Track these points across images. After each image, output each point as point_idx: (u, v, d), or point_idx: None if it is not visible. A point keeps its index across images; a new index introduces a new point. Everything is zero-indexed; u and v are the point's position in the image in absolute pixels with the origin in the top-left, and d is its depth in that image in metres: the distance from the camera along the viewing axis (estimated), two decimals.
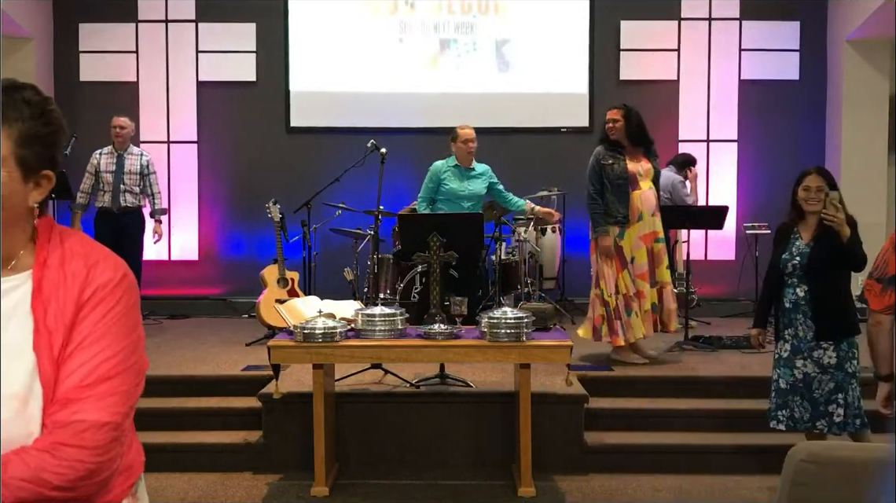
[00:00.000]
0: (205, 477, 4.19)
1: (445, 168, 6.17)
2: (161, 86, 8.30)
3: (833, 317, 3.94)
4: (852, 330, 3.95)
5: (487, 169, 6.29)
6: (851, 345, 3.93)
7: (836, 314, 3.94)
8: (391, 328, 4.13)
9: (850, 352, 3.92)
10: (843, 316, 3.94)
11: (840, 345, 3.92)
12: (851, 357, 3.92)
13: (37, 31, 8.04)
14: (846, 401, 3.89)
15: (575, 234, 8.05)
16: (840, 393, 3.89)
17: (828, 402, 3.90)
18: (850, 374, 3.90)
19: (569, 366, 4.07)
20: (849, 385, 3.89)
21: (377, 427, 4.56)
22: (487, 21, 8.33)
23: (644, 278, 5.34)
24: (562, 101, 8.38)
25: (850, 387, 3.90)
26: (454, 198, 6.10)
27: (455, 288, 5.21)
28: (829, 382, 3.90)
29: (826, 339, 3.91)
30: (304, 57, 8.34)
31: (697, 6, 8.37)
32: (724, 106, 8.37)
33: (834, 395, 3.89)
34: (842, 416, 3.88)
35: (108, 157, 6.80)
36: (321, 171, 7.22)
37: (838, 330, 3.92)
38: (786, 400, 3.99)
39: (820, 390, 3.92)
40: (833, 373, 3.90)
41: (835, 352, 3.92)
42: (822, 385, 3.91)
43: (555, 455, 4.47)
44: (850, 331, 3.94)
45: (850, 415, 3.90)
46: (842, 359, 3.91)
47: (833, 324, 3.94)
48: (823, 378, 3.91)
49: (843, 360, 3.91)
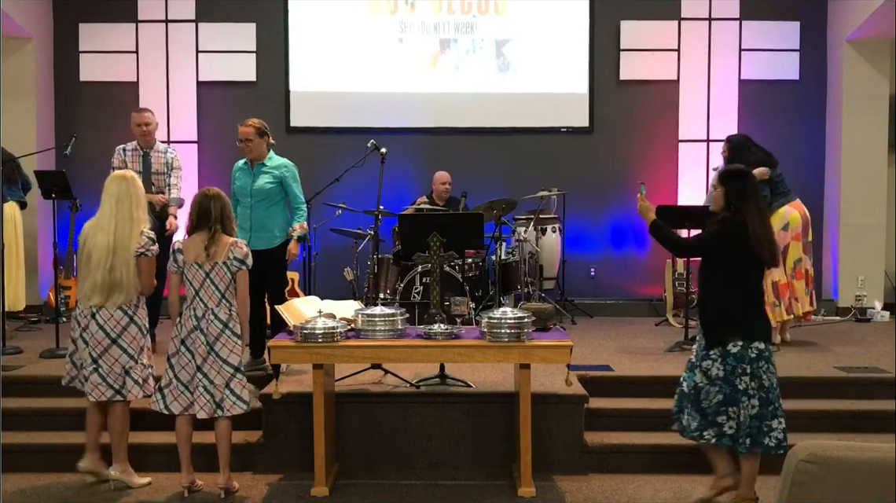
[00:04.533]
0: (205, 477, 4.19)
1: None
2: (161, 86, 8.30)
3: (716, 323, 3.71)
4: (749, 336, 3.65)
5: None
6: (741, 359, 3.63)
7: (720, 320, 3.69)
8: (391, 328, 4.13)
9: (741, 367, 3.62)
10: (728, 323, 3.67)
11: (727, 358, 3.65)
12: (742, 373, 3.62)
13: (37, 31, 8.04)
14: (739, 416, 3.64)
15: (575, 234, 8.06)
16: (732, 406, 3.64)
17: (716, 414, 3.67)
18: (742, 391, 3.62)
19: (569, 366, 4.07)
20: (739, 402, 3.62)
21: (377, 427, 4.56)
22: (487, 21, 8.33)
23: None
24: (562, 101, 8.38)
25: (742, 404, 3.62)
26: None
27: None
28: (718, 394, 3.66)
29: (711, 348, 3.69)
30: (304, 57, 8.34)
31: (697, 6, 8.37)
32: (724, 106, 8.37)
33: (723, 408, 3.66)
34: (734, 429, 3.65)
35: (132, 154, 6.01)
36: (321, 171, 7.22)
37: (720, 338, 3.67)
38: (682, 405, 3.81)
39: (707, 401, 3.69)
40: (720, 386, 3.66)
41: (721, 364, 3.66)
42: (710, 397, 3.68)
43: (555, 455, 4.47)
44: (744, 337, 3.64)
45: (743, 433, 3.63)
46: (729, 373, 3.64)
47: (714, 331, 3.70)
48: (711, 390, 3.68)
49: (731, 375, 3.64)
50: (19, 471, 4.36)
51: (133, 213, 4.13)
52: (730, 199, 3.74)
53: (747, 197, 3.73)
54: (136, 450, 4.38)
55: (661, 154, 8.37)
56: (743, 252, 3.68)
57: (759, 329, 3.70)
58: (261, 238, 5.12)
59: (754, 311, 3.73)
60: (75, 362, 4.21)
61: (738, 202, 3.72)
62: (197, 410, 4.02)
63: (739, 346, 3.65)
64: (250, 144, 5.17)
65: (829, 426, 4.65)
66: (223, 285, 4.04)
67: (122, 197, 4.13)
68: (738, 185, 3.76)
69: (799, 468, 2.07)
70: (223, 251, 4.04)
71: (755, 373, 3.64)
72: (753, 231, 3.66)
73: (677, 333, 6.44)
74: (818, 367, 5.35)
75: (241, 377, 4.06)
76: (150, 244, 4.16)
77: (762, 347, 3.67)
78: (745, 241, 3.66)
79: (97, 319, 4.09)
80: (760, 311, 3.76)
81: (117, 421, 4.16)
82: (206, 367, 4.00)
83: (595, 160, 8.34)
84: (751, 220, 3.68)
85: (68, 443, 4.36)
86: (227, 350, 4.01)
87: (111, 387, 4.10)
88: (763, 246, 3.67)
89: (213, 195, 4.11)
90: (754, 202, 3.73)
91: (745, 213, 3.69)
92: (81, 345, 4.14)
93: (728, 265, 3.72)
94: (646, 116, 8.41)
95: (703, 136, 8.39)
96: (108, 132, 8.26)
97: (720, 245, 3.76)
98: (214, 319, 4.01)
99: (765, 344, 3.69)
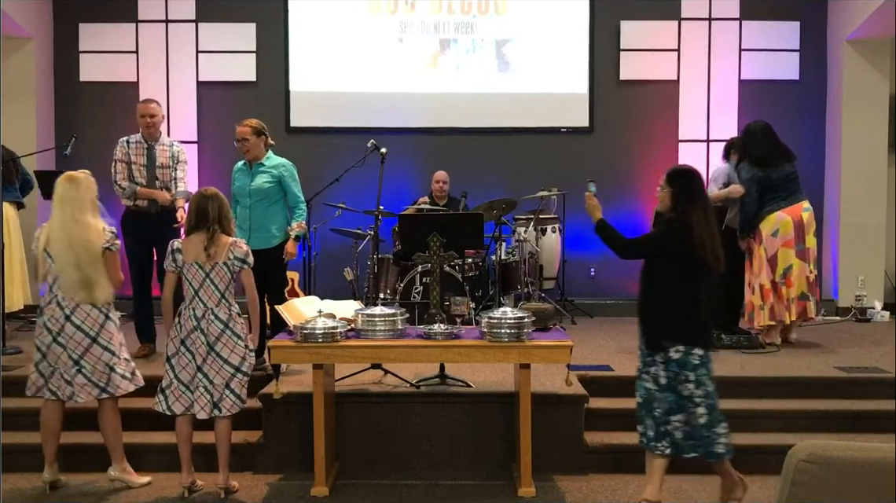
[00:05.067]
0: (205, 477, 4.19)
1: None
2: (161, 86, 8.30)
3: (657, 327, 3.64)
4: (691, 342, 3.55)
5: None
6: (684, 366, 3.55)
7: (662, 324, 3.62)
8: (391, 328, 4.13)
9: (683, 373, 3.55)
10: (669, 328, 3.59)
11: (669, 364, 3.57)
12: (686, 380, 3.55)
13: (37, 31, 8.04)
14: (689, 422, 3.56)
15: (575, 234, 8.05)
16: (679, 414, 3.58)
17: (666, 423, 3.60)
18: (687, 398, 3.55)
19: (569, 366, 4.07)
20: (687, 409, 3.56)
21: (377, 427, 4.56)
22: (487, 21, 8.33)
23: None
24: (562, 101, 8.38)
25: (689, 412, 3.56)
26: None
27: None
28: (664, 402, 3.60)
29: (654, 353, 3.61)
30: (304, 57, 8.34)
31: (697, 6, 8.37)
32: (724, 106, 8.38)
33: (671, 416, 3.59)
34: (682, 437, 3.58)
35: (136, 147, 5.74)
36: (321, 171, 7.22)
37: (659, 343, 3.59)
38: (640, 415, 3.72)
39: (660, 409, 3.61)
40: (667, 394, 3.60)
41: (665, 371, 3.59)
42: (661, 405, 3.61)
43: (555, 455, 4.47)
44: (686, 342, 3.55)
45: (694, 442, 3.57)
46: (671, 380, 3.57)
47: (655, 336, 3.63)
48: (660, 396, 3.61)
49: (675, 382, 3.57)
50: (19, 471, 4.36)
51: (76, 217, 4.06)
52: (676, 200, 3.63)
53: (694, 198, 3.61)
54: (136, 450, 4.38)
55: (661, 154, 8.37)
56: (688, 255, 3.57)
57: (701, 335, 3.60)
58: (259, 238, 5.11)
59: (697, 316, 3.60)
60: (42, 371, 4.15)
61: (684, 203, 3.61)
62: (197, 411, 4.02)
63: (681, 352, 3.56)
64: (247, 144, 5.16)
65: (829, 426, 4.65)
66: (223, 285, 4.04)
67: (65, 199, 4.09)
68: (685, 185, 3.65)
69: (799, 468, 2.07)
70: (223, 251, 4.04)
71: (699, 381, 3.56)
72: (698, 234, 3.55)
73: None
74: (818, 367, 5.35)
75: (241, 377, 4.06)
76: (114, 238, 4.15)
77: (702, 353, 3.58)
78: (690, 243, 3.55)
79: (73, 320, 4.07)
80: (704, 317, 3.63)
81: (109, 420, 4.17)
82: (206, 368, 4.00)
83: (595, 160, 8.33)
84: (696, 221, 3.56)
85: (68, 443, 4.36)
86: (227, 350, 4.01)
87: (97, 386, 4.10)
88: (707, 249, 3.55)
89: (210, 195, 4.11)
90: (700, 204, 3.61)
91: (691, 215, 3.58)
92: (57, 349, 4.09)
93: (673, 267, 3.62)
94: (646, 116, 8.41)
95: (703, 136, 8.39)
96: (108, 132, 8.24)
97: (665, 247, 3.66)
98: (215, 319, 4.01)
99: (704, 350, 3.59)
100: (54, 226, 4.09)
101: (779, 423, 4.71)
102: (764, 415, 4.77)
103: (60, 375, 4.11)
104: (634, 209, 8.34)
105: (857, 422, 4.68)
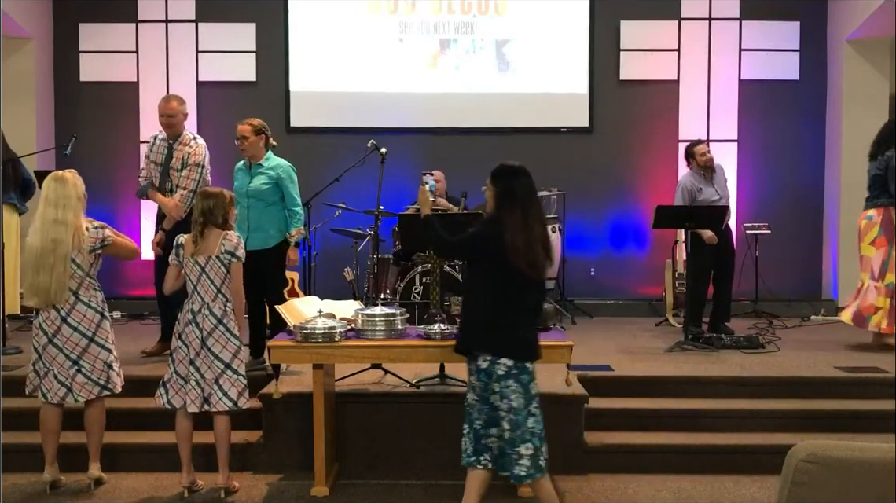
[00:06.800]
0: (205, 477, 4.19)
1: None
2: (161, 86, 8.30)
3: (465, 332, 3.48)
4: (497, 351, 3.33)
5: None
6: (490, 376, 3.34)
7: (470, 330, 3.45)
8: (391, 328, 4.13)
9: (491, 384, 3.34)
10: (477, 334, 3.41)
11: (479, 374, 3.38)
12: (493, 392, 3.34)
13: (37, 31, 8.04)
14: (501, 437, 3.37)
15: (575, 234, 8.06)
16: (494, 427, 3.38)
17: (486, 436, 3.43)
18: (497, 409, 3.35)
19: (569, 366, 4.06)
20: (500, 422, 3.35)
21: (377, 427, 4.56)
22: (487, 21, 8.33)
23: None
24: (562, 101, 8.38)
25: (501, 425, 3.35)
26: None
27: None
28: (482, 413, 3.43)
29: (462, 356, 3.48)
30: (304, 57, 8.34)
31: (697, 6, 8.37)
32: (724, 106, 8.37)
33: (487, 429, 3.42)
34: (497, 453, 3.41)
35: (160, 144, 5.57)
36: (321, 171, 7.22)
37: (467, 349, 3.43)
38: (464, 428, 3.52)
39: (479, 420, 3.44)
40: (482, 405, 3.41)
41: (477, 380, 3.41)
42: (479, 415, 3.44)
43: (555, 455, 4.45)
44: (492, 351, 3.33)
45: (502, 456, 3.38)
46: (482, 390, 3.39)
47: (463, 341, 3.48)
48: (478, 407, 3.44)
49: (485, 392, 3.37)
50: (19, 471, 4.36)
51: (57, 217, 4.04)
52: (498, 201, 3.43)
53: (513, 199, 3.38)
54: (136, 450, 4.38)
55: (661, 154, 8.37)
56: (501, 259, 3.32)
57: (512, 345, 3.36)
58: (257, 238, 5.11)
59: (509, 325, 3.36)
60: (38, 371, 4.16)
61: (502, 204, 3.40)
62: (188, 403, 4.03)
63: (488, 362, 3.34)
64: (246, 142, 5.16)
65: (829, 426, 4.65)
66: (219, 280, 4.05)
67: (49, 200, 4.08)
68: (506, 185, 3.43)
69: (799, 468, 2.07)
70: (215, 244, 4.05)
71: (503, 394, 3.33)
72: (510, 238, 3.30)
73: (677, 333, 6.44)
74: (818, 367, 5.35)
75: (231, 374, 4.04)
76: (102, 232, 4.13)
77: (510, 365, 3.33)
78: (500, 248, 3.31)
79: (69, 322, 4.07)
80: (516, 325, 3.38)
81: (98, 419, 4.18)
82: (199, 362, 4.01)
83: (595, 160, 8.34)
84: (510, 224, 3.32)
85: (68, 443, 4.36)
86: (219, 345, 4.02)
87: (97, 384, 4.12)
88: (519, 255, 3.29)
89: (207, 195, 4.14)
90: (520, 206, 3.37)
91: (506, 217, 3.34)
92: (53, 350, 4.08)
93: (487, 272, 3.40)
94: (646, 116, 8.41)
95: (704, 136, 8.38)
96: (108, 132, 8.28)
97: (476, 249, 3.48)
98: (209, 314, 4.02)
99: (514, 361, 3.34)
100: (35, 226, 4.09)
101: (779, 423, 4.71)
102: (764, 415, 4.77)
103: (54, 377, 4.10)
104: (634, 209, 8.35)
105: (857, 422, 4.68)
